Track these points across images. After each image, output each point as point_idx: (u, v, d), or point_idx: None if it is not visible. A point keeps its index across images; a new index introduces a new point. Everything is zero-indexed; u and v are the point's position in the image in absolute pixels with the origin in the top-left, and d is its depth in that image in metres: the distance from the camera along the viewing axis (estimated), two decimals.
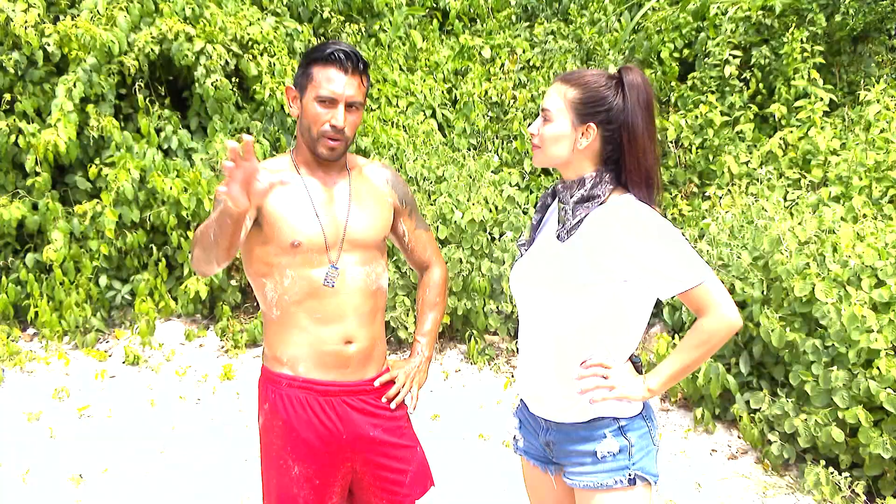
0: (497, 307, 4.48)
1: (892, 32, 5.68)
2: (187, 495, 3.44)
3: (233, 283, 5.07)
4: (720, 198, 4.84)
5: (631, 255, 1.66)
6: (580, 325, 1.71)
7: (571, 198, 1.74)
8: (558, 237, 1.75)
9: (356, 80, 1.85)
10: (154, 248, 5.01)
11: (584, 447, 1.74)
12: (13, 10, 4.97)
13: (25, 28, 4.87)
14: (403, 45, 6.52)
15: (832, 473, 3.18)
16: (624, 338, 1.74)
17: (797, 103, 5.11)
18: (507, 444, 3.78)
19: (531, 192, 5.27)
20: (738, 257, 3.82)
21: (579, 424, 1.74)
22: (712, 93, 5.35)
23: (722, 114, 5.25)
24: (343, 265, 1.87)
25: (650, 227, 1.66)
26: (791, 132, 5.01)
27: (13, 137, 4.92)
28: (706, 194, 5.05)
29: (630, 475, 1.71)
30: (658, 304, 4.18)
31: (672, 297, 1.68)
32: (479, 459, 3.69)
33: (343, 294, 1.87)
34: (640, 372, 1.78)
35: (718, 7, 5.68)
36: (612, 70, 1.88)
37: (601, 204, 1.73)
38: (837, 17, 5.44)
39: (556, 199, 1.83)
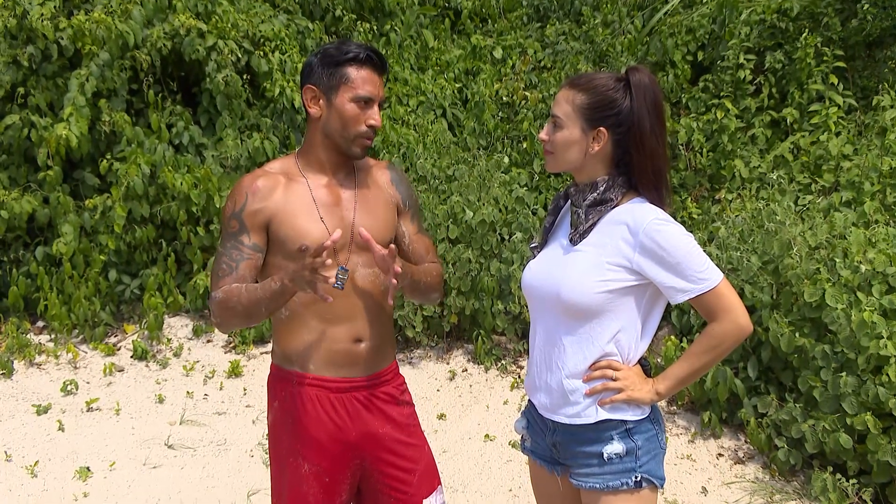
0: (505, 308, 4.47)
1: None
2: (194, 490, 3.45)
3: None
4: (730, 201, 4.82)
5: (643, 260, 1.66)
6: (591, 327, 1.71)
7: (584, 201, 1.74)
8: (571, 240, 1.75)
9: (383, 80, 1.89)
10: (164, 244, 5.02)
11: (591, 449, 1.74)
12: (30, 3, 5.00)
13: (42, 20, 4.90)
14: (415, 44, 6.52)
15: (839, 480, 3.16)
16: (634, 341, 1.74)
17: (811, 108, 5.09)
18: (512, 443, 3.77)
19: (540, 193, 5.26)
20: (748, 261, 3.80)
21: (587, 426, 1.74)
22: (727, 97, 5.33)
23: (735, 117, 5.23)
24: (352, 267, 1.87)
25: (663, 231, 1.65)
26: (803, 137, 4.99)
27: (25, 131, 4.95)
28: (716, 198, 5.03)
29: (636, 478, 1.71)
30: (666, 306, 4.16)
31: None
32: (485, 460, 3.69)
33: (352, 295, 1.88)
34: (648, 375, 1.78)
35: (734, 10, 5.66)
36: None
37: (614, 207, 1.72)
38: (853, 22, 5.41)
39: (569, 201, 1.83)
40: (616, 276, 1.68)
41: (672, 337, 3.98)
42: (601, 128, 1.70)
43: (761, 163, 4.96)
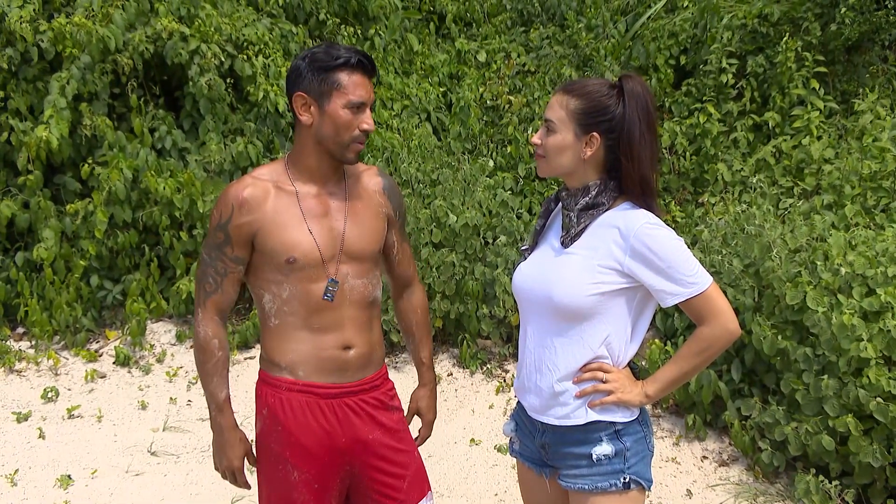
0: (490, 311, 4.47)
1: (886, 43, 5.72)
2: (178, 497, 3.42)
3: None
4: (713, 205, 4.85)
5: (634, 263, 1.67)
6: (582, 329, 1.72)
7: (576, 205, 1.75)
8: (562, 243, 1.76)
9: (373, 82, 1.88)
10: (146, 249, 4.98)
11: (580, 450, 1.75)
12: (8, 6, 4.94)
13: (21, 23, 4.84)
14: (399, 48, 6.52)
15: (822, 481, 3.19)
16: (624, 343, 1.75)
17: (793, 112, 5.14)
18: (498, 447, 3.77)
19: (525, 197, 5.27)
20: (730, 264, 3.83)
21: (576, 428, 1.75)
22: (710, 101, 5.37)
23: (718, 121, 5.28)
24: (341, 278, 1.87)
25: (653, 235, 1.67)
26: (785, 140, 5.04)
27: (5, 135, 4.89)
28: (699, 201, 5.06)
29: (625, 479, 1.72)
30: None
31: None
32: (471, 464, 3.68)
33: (341, 306, 1.87)
34: (637, 378, 1.79)
35: (715, 15, 5.72)
36: (612, 78, 1.89)
37: (605, 211, 1.73)
38: (832, 27, 5.47)
39: (560, 205, 1.84)
40: (607, 279, 1.69)
41: (656, 340, 4.00)
42: (594, 133, 1.72)
43: (744, 166, 5.00)
